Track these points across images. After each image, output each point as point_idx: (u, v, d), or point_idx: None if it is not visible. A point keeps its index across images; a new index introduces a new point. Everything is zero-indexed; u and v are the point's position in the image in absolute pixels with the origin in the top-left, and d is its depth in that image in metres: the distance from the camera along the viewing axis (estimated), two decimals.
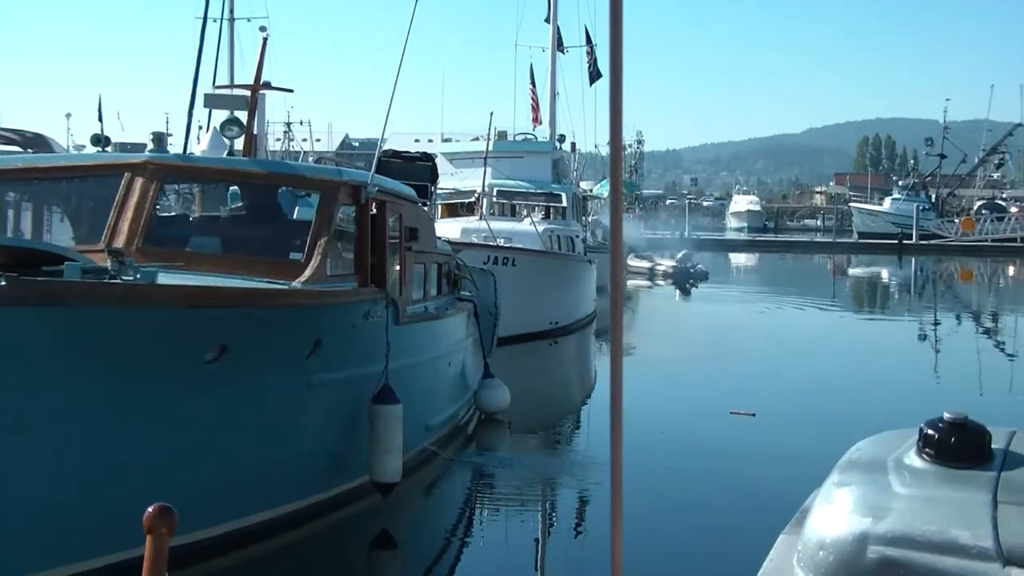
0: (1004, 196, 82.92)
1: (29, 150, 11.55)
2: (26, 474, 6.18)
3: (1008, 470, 2.52)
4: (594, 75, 32.71)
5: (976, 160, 78.84)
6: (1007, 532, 2.28)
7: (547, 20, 30.58)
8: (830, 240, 71.18)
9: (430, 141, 48.47)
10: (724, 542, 8.30)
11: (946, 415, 2.61)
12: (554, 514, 9.86)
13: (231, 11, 35.91)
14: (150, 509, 2.62)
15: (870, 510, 2.41)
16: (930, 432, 2.58)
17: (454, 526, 9.49)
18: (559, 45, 30.84)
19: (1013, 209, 72.82)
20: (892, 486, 2.50)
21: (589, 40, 32.98)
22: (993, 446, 2.61)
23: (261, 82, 11.20)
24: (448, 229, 20.74)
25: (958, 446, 2.54)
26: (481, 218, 23.07)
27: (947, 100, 77.44)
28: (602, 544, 2.91)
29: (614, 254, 2.27)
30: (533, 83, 31.58)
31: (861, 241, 69.21)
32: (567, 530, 9.32)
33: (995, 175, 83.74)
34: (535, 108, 31.28)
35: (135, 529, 2.68)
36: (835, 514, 2.47)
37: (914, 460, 2.58)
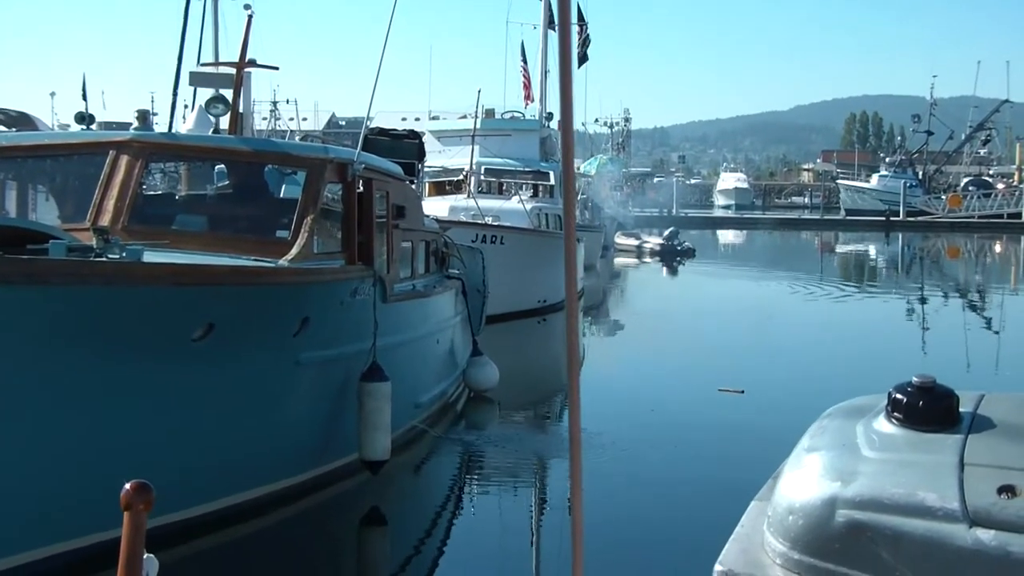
0: (991, 173, 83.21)
1: (14, 129, 11.48)
2: (8, 453, 6.18)
3: (975, 433, 2.57)
4: (581, 58, 32.57)
5: (963, 137, 79.02)
6: (973, 494, 2.33)
7: None
8: (817, 217, 71.32)
9: (417, 119, 48.27)
10: (702, 510, 8.43)
11: (914, 379, 2.65)
12: (543, 490, 9.93)
13: None
14: (127, 486, 2.64)
15: (838, 474, 2.45)
16: (898, 396, 2.62)
17: (444, 503, 9.55)
18: (550, 23, 30.70)
19: (1000, 186, 73.13)
20: (861, 450, 2.54)
21: (581, 18, 32.76)
22: (961, 409, 2.65)
23: (246, 60, 11.15)
24: (436, 207, 20.72)
25: (926, 410, 2.58)
26: (469, 196, 23.04)
27: (934, 77, 77.62)
28: (591, 519, 2.96)
29: (568, 241, 2.31)
30: (525, 60, 31.46)
31: (848, 218, 69.45)
32: (556, 506, 9.38)
33: (982, 152, 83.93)
34: (527, 86, 31.13)
35: (119, 509, 2.71)
36: (804, 479, 2.52)
37: (883, 424, 2.63)
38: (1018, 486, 2.31)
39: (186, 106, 16.80)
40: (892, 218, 62.71)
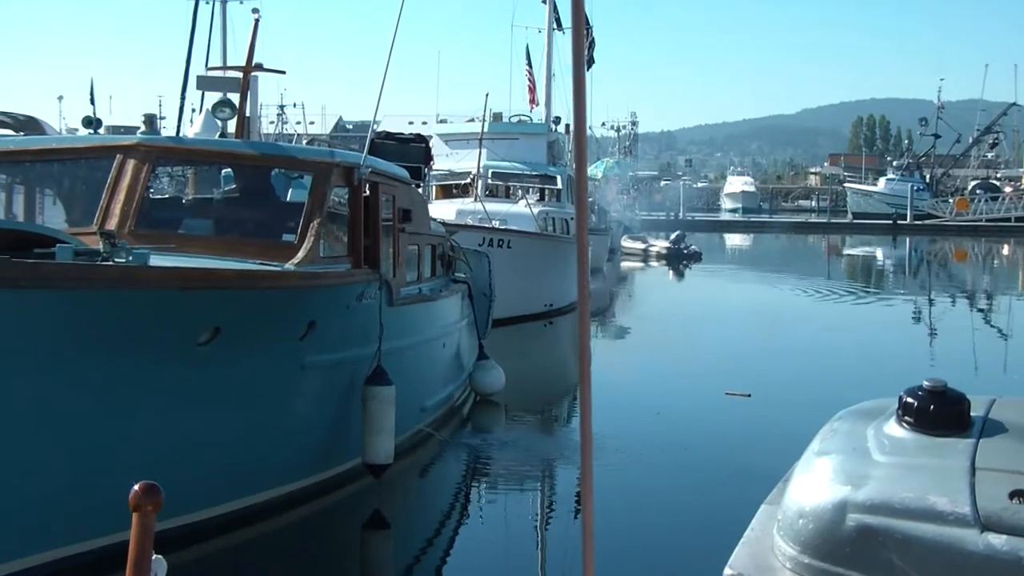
0: (998, 176, 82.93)
1: (22, 133, 11.51)
2: (15, 456, 6.18)
3: (987, 437, 2.54)
4: (588, 61, 32.58)
5: (970, 140, 78.87)
6: (985, 498, 2.31)
7: (544, 0, 30.45)
8: (824, 221, 71.18)
9: (424, 123, 48.31)
10: (710, 513, 8.40)
11: (925, 383, 2.63)
12: (550, 495, 9.90)
13: None
14: (136, 487, 2.63)
15: (849, 478, 2.43)
16: (909, 400, 2.60)
17: (448, 508, 9.51)
18: (557, 24, 30.67)
19: (1007, 189, 72.86)
20: (871, 454, 2.53)
21: (587, 22, 32.70)
22: (972, 414, 2.63)
23: (253, 64, 11.16)
24: (443, 211, 20.74)
25: (937, 414, 2.56)
26: (476, 200, 23.04)
27: (941, 80, 77.75)
28: (598, 523, 2.94)
29: (580, 252, 2.29)
30: (530, 64, 31.44)
31: (855, 222, 69.28)
32: (563, 511, 9.36)
33: (989, 155, 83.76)
34: (532, 89, 31.13)
35: (127, 512, 2.70)
36: (814, 483, 2.50)
37: (893, 428, 2.61)
38: None
39: (193, 110, 16.88)
40: (899, 221, 62.56)
